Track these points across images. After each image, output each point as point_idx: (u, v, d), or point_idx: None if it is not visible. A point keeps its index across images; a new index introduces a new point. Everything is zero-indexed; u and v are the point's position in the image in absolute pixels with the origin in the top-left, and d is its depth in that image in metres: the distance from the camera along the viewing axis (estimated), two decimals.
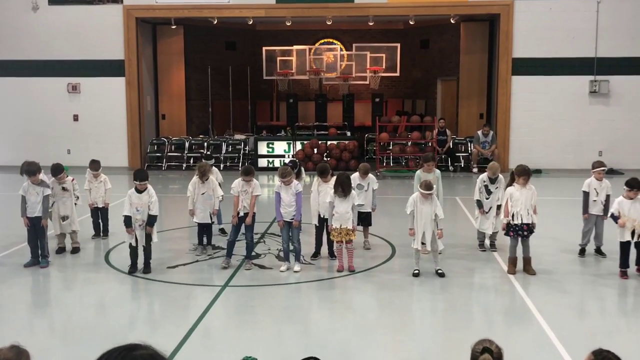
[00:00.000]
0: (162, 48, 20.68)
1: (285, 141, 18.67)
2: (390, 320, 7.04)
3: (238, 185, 8.76)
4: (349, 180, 8.60)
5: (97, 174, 10.34)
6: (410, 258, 8.92)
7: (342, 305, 7.59)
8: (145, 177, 8.47)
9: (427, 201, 8.26)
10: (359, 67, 19.37)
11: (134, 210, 8.42)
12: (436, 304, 7.68)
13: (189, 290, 8.06)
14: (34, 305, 7.76)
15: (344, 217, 8.45)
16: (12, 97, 18.53)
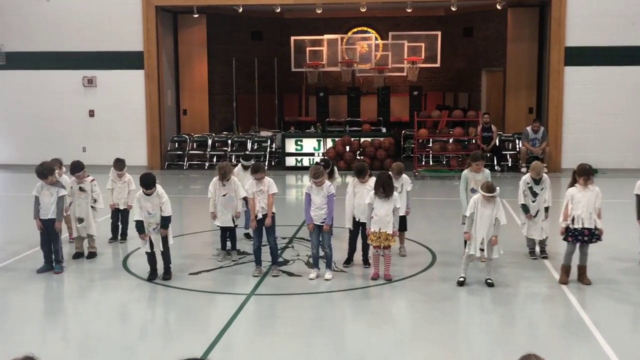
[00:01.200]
0: (183, 38, 20.86)
1: (315, 138, 18.68)
2: (431, 334, 6.99)
3: (252, 185, 8.77)
4: (390, 180, 8.55)
5: (121, 174, 10.45)
6: (453, 266, 8.87)
7: (378, 316, 7.55)
8: (152, 184, 8.50)
9: (489, 204, 8.18)
10: (395, 57, 19.31)
11: (146, 214, 8.49)
12: (482, 315, 7.61)
13: (212, 299, 8.11)
14: (47, 314, 7.87)
15: (384, 220, 8.40)
16: (23, 91, 18.84)
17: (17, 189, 15.66)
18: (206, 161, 19.08)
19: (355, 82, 21.94)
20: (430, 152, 18.19)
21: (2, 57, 18.73)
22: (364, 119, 20.37)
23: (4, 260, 9.57)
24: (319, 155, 17.87)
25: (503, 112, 20.46)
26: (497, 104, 21.08)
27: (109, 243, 10.50)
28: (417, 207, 12.53)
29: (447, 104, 22.96)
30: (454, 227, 10.89)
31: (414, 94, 21.28)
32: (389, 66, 19.47)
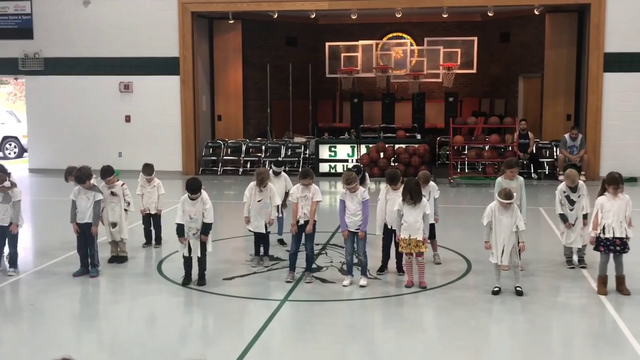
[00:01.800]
0: (218, 44, 21.06)
1: (349, 144, 18.68)
2: (465, 343, 6.94)
3: (297, 190, 8.80)
4: (418, 187, 8.53)
5: (150, 179, 10.58)
6: (488, 274, 8.79)
7: (412, 324, 7.53)
8: (198, 189, 8.58)
9: (506, 211, 8.13)
10: (431, 63, 19.23)
11: (187, 218, 8.58)
12: (517, 325, 7.53)
13: (246, 304, 8.16)
14: (82, 317, 7.99)
15: (413, 226, 8.39)
16: (61, 96, 19.18)
17: (54, 193, 15.92)
18: (240, 167, 19.20)
19: (389, 88, 21.90)
20: (466, 159, 18.07)
21: (41, 62, 19.09)
22: (398, 126, 20.32)
23: (42, 264, 9.74)
24: (353, 161, 17.87)
25: (540, 119, 20.24)
26: (535, 110, 20.86)
27: (143, 248, 10.62)
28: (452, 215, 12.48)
29: (483, 110, 22.79)
30: None
31: (449, 100, 21.17)
32: (424, 72, 19.40)
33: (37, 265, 9.67)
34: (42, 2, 18.99)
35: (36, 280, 9.05)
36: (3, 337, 7.20)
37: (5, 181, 9.05)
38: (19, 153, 24.05)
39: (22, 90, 31.72)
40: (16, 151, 24.24)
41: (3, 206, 9.07)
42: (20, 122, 24.72)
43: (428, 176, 9.57)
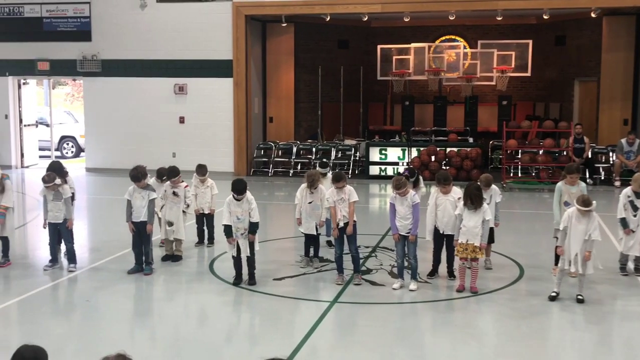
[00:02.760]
0: (271, 47, 21.21)
1: (400, 147, 18.60)
2: (518, 350, 6.83)
3: (333, 194, 8.80)
4: (479, 192, 8.43)
5: (203, 179, 10.72)
6: (541, 280, 8.66)
7: (463, 330, 7.44)
8: (243, 190, 8.64)
9: (583, 219, 7.96)
10: (484, 66, 19.04)
11: (235, 219, 8.64)
12: (572, 333, 7.39)
13: (295, 305, 8.19)
14: (136, 314, 8.13)
15: (472, 232, 8.29)
16: (117, 97, 19.56)
17: (110, 191, 16.26)
18: (291, 168, 19.29)
19: (442, 91, 21.73)
20: (519, 163, 17.81)
21: (98, 64, 19.51)
22: (450, 129, 20.13)
23: (97, 261, 9.95)
24: (403, 164, 17.78)
25: (596, 123, 19.82)
26: (590, 115, 20.44)
27: (195, 247, 10.76)
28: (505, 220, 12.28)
29: (538, 114, 22.42)
30: (543, 240, 10.64)
31: (502, 103, 20.89)
32: (478, 75, 19.21)
33: (93, 262, 9.88)
34: (100, 5, 19.41)
35: (91, 277, 9.24)
36: (59, 332, 7.38)
37: (55, 179, 9.28)
38: (76, 152, 24.61)
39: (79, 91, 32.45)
40: (73, 150, 24.81)
41: (55, 204, 9.30)
42: (77, 122, 25.28)
43: (490, 179, 9.42)
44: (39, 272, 9.36)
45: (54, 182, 9.23)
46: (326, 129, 21.59)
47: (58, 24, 19.69)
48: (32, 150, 21.17)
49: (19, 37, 19.81)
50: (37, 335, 6.94)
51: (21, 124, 20.53)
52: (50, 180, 9.22)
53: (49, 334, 7.18)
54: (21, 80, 20.46)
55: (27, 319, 7.66)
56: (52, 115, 22.29)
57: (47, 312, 7.99)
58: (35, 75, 20.46)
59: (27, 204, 14.93)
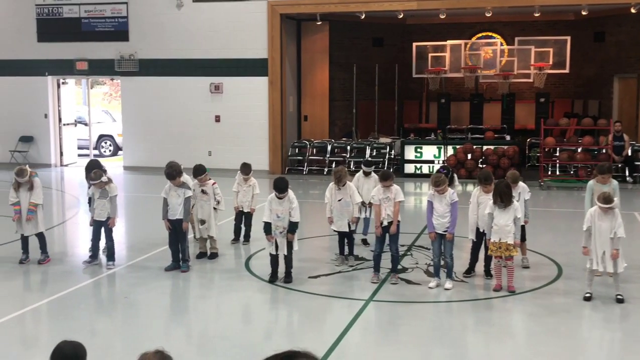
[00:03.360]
0: (306, 45, 21.23)
1: (435, 145, 18.48)
2: (556, 350, 6.75)
3: (378, 192, 8.78)
4: (508, 189, 8.36)
5: (247, 178, 10.79)
6: (579, 280, 8.53)
7: (499, 329, 7.38)
8: (285, 189, 8.68)
9: (606, 216, 7.84)
10: (521, 63, 18.82)
11: (275, 217, 8.67)
12: (610, 333, 7.27)
13: (330, 303, 8.19)
14: (172, 311, 8.22)
15: (504, 230, 8.22)
16: (154, 97, 19.76)
17: (147, 190, 16.44)
18: (325, 167, 19.30)
19: (478, 89, 21.53)
20: (557, 161, 17.57)
21: (136, 63, 19.74)
22: (487, 126, 19.95)
23: (134, 258, 10.07)
24: (439, 162, 17.66)
25: (636, 120, 19.44)
26: (630, 112, 20.06)
27: (231, 244, 10.82)
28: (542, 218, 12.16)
29: (576, 111, 22.08)
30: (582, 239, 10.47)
31: (540, 100, 20.63)
32: (515, 72, 19.00)
33: (131, 260, 10.00)
34: (137, 5, 19.63)
35: (129, 274, 9.36)
36: (98, 328, 7.49)
37: (103, 177, 9.41)
38: (113, 151, 24.92)
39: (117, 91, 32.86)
40: (111, 149, 25.12)
41: (100, 201, 9.44)
42: (115, 121, 25.60)
43: (517, 176, 9.34)
44: (78, 269, 9.51)
45: (101, 179, 9.36)
46: (361, 127, 21.55)
47: (96, 24, 19.97)
48: (71, 149, 21.50)
49: (58, 38, 20.14)
50: (76, 331, 7.04)
51: (60, 123, 20.88)
52: (97, 178, 9.37)
53: (88, 330, 7.29)
54: (60, 80, 20.79)
55: (67, 315, 7.78)
56: (91, 114, 22.60)
57: (86, 308, 8.11)
58: (74, 75, 20.77)
59: (66, 202, 15.16)
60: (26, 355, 6.78)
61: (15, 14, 20.39)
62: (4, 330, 7.25)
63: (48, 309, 8.05)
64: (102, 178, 9.39)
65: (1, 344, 6.91)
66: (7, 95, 20.64)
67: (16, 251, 9.90)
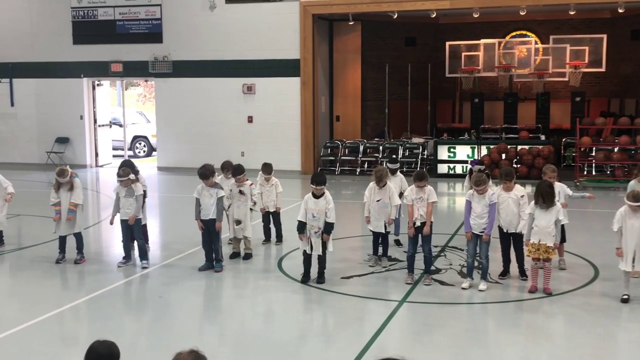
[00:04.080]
0: (338, 46, 21.22)
1: (469, 145, 18.34)
2: (592, 351, 6.65)
3: (412, 192, 8.72)
4: (551, 189, 8.23)
5: (268, 178, 10.80)
6: (616, 281, 8.39)
7: (535, 330, 7.28)
8: (323, 181, 8.67)
9: (636, 215, 7.71)
10: (556, 62, 18.58)
11: (310, 217, 8.66)
12: None
13: (364, 304, 8.16)
14: (206, 310, 8.26)
15: (544, 231, 8.09)
16: (187, 97, 19.93)
17: (181, 190, 16.56)
18: (357, 167, 19.27)
19: (512, 88, 21.32)
20: (594, 161, 17.32)
21: (169, 65, 19.91)
22: (521, 126, 19.75)
23: (169, 258, 10.15)
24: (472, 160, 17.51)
25: None
26: None
27: (262, 245, 10.85)
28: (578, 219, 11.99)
29: (613, 110, 21.75)
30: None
31: (576, 100, 20.35)
32: (550, 71, 18.76)
33: (164, 259, 10.08)
34: (171, 7, 19.81)
35: (163, 274, 9.43)
36: (132, 327, 7.56)
37: (130, 174, 9.51)
38: (148, 152, 25.18)
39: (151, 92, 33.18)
40: (145, 150, 25.39)
41: (127, 200, 9.54)
42: (149, 122, 25.86)
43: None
44: (112, 269, 9.61)
45: (129, 177, 9.46)
46: (393, 127, 21.47)
47: (131, 26, 20.19)
48: (106, 150, 21.78)
49: (93, 40, 20.41)
50: (111, 330, 7.13)
51: (95, 124, 21.16)
52: (125, 175, 9.47)
53: (122, 330, 7.36)
54: (95, 82, 21.07)
55: (101, 315, 7.86)
56: (125, 115, 22.86)
57: (121, 308, 8.19)
58: (109, 77, 21.03)
59: (102, 202, 15.35)
60: (63, 354, 6.87)
61: (51, 17, 20.71)
62: (41, 328, 7.36)
63: (84, 308, 8.14)
64: (130, 176, 9.49)
65: (38, 342, 7.01)
66: (43, 97, 21.00)
67: (53, 250, 10.06)
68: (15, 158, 21.24)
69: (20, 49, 21.02)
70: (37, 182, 17.63)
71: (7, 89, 21.26)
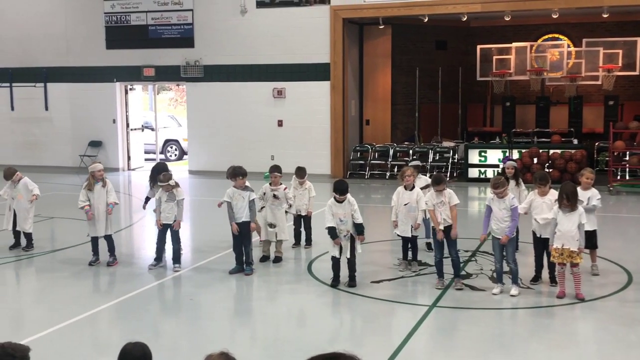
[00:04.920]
0: (368, 49, 21.24)
1: (500, 149, 18.22)
2: (624, 359, 6.57)
3: (432, 197, 8.70)
4: (575, 190, 8.16)
5: (302, 181, 10.86)
6: None
7: (566, 337, 7.23)
8: (345, 190, 8.68)
9: None
10: (589, 65, 18.42)
11: (338, 221, 8.68)
12: None
13: (393, 308, 8.16)
14: (236, 313, 8.33)
15: (567, 236, 8.03)
16: (218, 102, 20.09)
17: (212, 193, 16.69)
18: (387, 171, 19.25)
19: (544, 91, 21.13)
20: (627, 165, 17.10)
21: (201, 69, 20.10)
22: (553, 130, 19.58)
23: (200, 261, 10.25)
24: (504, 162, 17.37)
25: None
26: None
27: (292, 248, 10.90)
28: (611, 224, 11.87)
29: None
30: None
31: (609, 103, 20.11)
32: (582, 74, 18.59)
33: (196, 262, 10.18)
34: (202, 12, 20.00)
35: (194, 276, 9.53)
36: (165, 329, 7.65)
37: (171, 179, 9.62)
38: (179, 155, 25.41)
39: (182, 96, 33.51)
40: (177, 154, 25.63)
41: (168, 204, 9.65)
42: (180, 126, 26.12)
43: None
44: (144, 271, 9.73)
45: (169, 182, 9.57)
46: (423, 131, 21.41)
47: (163, 31, 20.43)
48: (138, 154, 22.04)
49: (126, 45, 20.69)
50: (143, 332, 7.22)
51: (128, 128, 21.43)
52: (166, 180, 9.58)
53: (154, 331, 7.46)
54: (128, 86, 21.34)
55: (134, 317, 7.97)
56: (157, 119, 23.11)
57: (152, 310, 8.30)
58: (141, 81, 21.29)
59: (133, 206, 15.54)
60: (95, 356, 6.97)
61: (84, 23, 21.04)
62: (74, 330, 7.48)
63: (116, 310, 8.26)
64: (170, 181, 9.59)
65: (71, 344, 7.13)
66: (77, 101, 21.33)
67: (85, 253, 10.22)
68: (49, 161, 21.61)
69: (55, 54, 21.39)
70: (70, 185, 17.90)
71: (42, 94, 21.63)
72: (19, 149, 22.00)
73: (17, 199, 10.75)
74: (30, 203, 10.75)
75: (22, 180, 10.85)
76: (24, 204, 10.74)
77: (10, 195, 10.83)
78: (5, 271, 10.03)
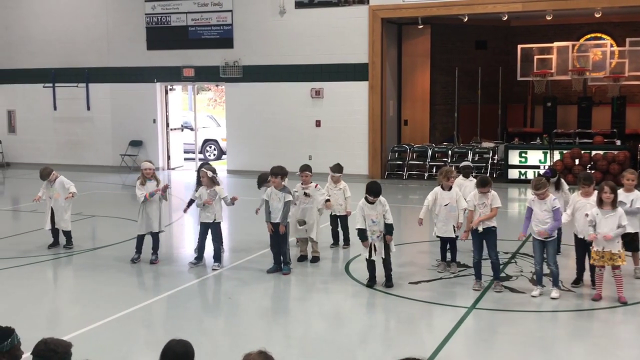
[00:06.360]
0: (407, 49, 21.16)
1: (541, 150, 18.01)
2: None
3: (474, 198, 8.63)
4: (614, 185, 8.03)
5: (336, 178, 10.84)
6: None
7: (607, 340, 7.11)
8: (378, 193, 8.65)
9: None
10: (633, 65, 18.11)
11: (370, 222, 8.67)
12: None
13: (431, 310, 8.13)
14: (274, 312, 8.37)
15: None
16: (257, 102, 20.22)
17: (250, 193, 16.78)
18: (425, 171, 19.16)
19: (587, 92, 20.81)
20: None
21: (240, 70, 20.24)
22: (595, 131, 19.27)
23: (238, 260, 10.33)
24: (544, 167, 17.18)
25: None
26: None
27: (330, 248, 10.92)
28: None
29: None
30: None
31: None
32: (626, 74, 18.28)
33: (234, 261, 10.26)
34: (241, 13, 20.14)
35: (233, 275, 9.61)
36: (203, 327, 7.73)
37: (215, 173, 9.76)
38: (218, 155, 25.64)
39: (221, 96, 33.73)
40: (215, 153, 25.86)
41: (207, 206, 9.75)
42: (219, 126, 26.33)
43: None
44: (184, 270, 9.84)
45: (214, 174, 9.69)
46: (462, 132, 21.25)
47: (202, 32, 20.62)
48: (178, 153, 22.29)
49: (166, 45, 20.94)
50: (183, 329, 7.31)
51: (168, 127, 21.69)
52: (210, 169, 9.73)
53: (194, 329, 7.53)
54: (168, 86, 21.60)
55: (174, 314, 8.08)
56: (196, 119, 23.34)
57: (192, 308, 8.39)
58: (181, 82, 21.53)
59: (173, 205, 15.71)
60: (136, 352, 7.08)
61: (126, 24, 21.35)
62: (116, 326, 7.60)
63: (156, 307, 8.38)
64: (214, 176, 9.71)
65: (113, 340, 7.24)
66: (118, 101, 21.66)
67: (126, 251, 10.38)
68: (91, 160, 21.98)
69: (96, 55, 21.75)
70: (111, 184, 18.18)
71: (84, 94, 22.01)
72: (61, 149, 22.43)
73: (54, 198, 10.95)
74: (67, 201, 10.94)
75: (59, 179, 11.03)
76: (61, 202, 10.93)
77: (47, 195, 11.03)
78: (45, 269, 10.23)
